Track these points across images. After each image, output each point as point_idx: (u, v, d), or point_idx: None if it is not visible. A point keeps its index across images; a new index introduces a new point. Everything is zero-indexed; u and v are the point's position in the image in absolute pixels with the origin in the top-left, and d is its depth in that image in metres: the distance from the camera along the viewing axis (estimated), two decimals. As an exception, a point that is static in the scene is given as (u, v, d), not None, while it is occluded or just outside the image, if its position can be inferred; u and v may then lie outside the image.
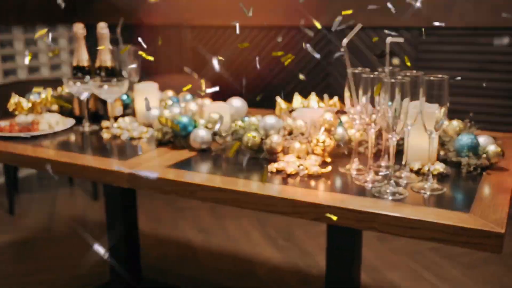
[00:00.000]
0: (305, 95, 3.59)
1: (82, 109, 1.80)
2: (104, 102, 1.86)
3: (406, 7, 3.03)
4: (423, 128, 1.18)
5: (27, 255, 2.66)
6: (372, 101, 1.20)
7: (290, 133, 1.43)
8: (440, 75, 1.09)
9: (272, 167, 1.29)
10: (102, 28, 1.81)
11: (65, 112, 1.91)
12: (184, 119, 1.51)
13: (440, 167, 1.24)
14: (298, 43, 3.45)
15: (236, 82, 3.67)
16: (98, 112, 1.86)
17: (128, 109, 1.95)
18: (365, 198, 1.12)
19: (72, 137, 1.70)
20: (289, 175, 1.26)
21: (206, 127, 1.52)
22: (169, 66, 3.92)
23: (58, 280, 2.39)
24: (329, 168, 1.27)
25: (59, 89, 2.01)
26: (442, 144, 1.36)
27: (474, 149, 1.28)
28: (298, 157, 1.34)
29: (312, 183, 1.23)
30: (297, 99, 1.72)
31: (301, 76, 3.30)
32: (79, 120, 1.83)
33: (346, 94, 1.26)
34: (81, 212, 3.22)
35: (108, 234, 2.03)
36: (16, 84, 3.47)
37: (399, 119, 1.12)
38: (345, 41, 1.23)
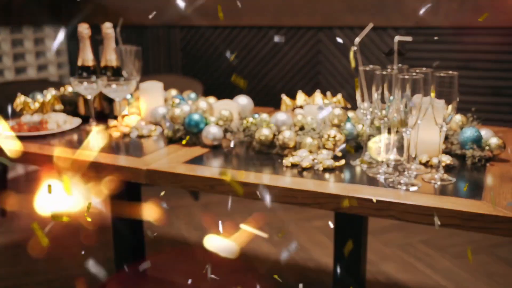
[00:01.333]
0: (294, 93, 3.66)
1: (89, 109, 1.82)
2: (109, 101, 1.88)
3: (394, 8, 3.12)
4: (430, 123, 1.25)
5: (23, 256, 2.65)
6: (382, 97, 1.27)
7: (301, 128, 1.48)
8: (450, 72, 1.16)
9: (287, 161, 1.34)
10: (108, 28, 1.84)
11: (68, 111, 1.93)
12: (196, 117, 1.55)
13: (446, 159, 1.31)
14: (287, 42, 3.51)
15: (226, 82, 3.72)
16: (103, 111, 1.88)
17: (132, 108, 1.98)
18: (380, 188, 1.18)
19: (81, 136, 1.72)
20: (304, 169, 1.32)
21: (217, 124, 1.56)
22: (158, 66, 3.94)
23: (56, 281, 2.39)
24: (342, 161, 1.33)
25: (61, 89, 2.03)
26: (445, 137, 1.43)
27: (478, 141, 1.35)
28: (310, 152, 1.39)
29: (327, 175, 1.28)
30: (300, 96, 1.78)
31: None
32: (84, 120, 1.85)
33: (357, 90, 1.32)
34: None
35: (113, 228, 2.05)
36: (3, 85, 3.45)
37: (411, 114, 1.19)
38: (357, 39, 1.29)
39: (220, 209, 3.23)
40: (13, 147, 1.55)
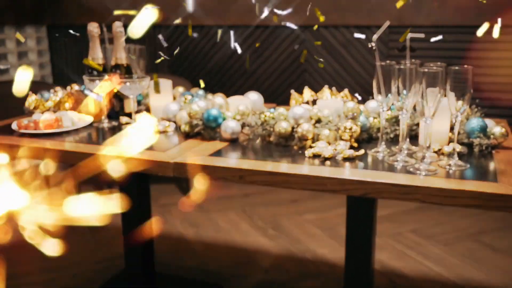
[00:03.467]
0: (282, 91, 3.73)
1: (100, 106, 1.85)
2: (119, 99, 1.92)
3: (378, 7, 3.24)
4: (438, 114, 1.35)
5: (24, 255, 2.64)
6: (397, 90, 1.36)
7: (317, 121, 1.56)
8: (465, 65, 1.25)
9: (309, 152, 1.42)
10: (118, 27, 1.87)
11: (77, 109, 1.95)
12: (214, 112, 1.60)
13: (456, 147, 1.41)
14: (274, 41, 3.59)
15: (214, 80, 3.77)
16: (114, 109, 1.92)
17: (140, 105, 2.02)
18: (401, 175, 1.27)
19: (96, 133, 1.75)
20: (326, 159, 1.40)
21: (234, 118, 1.62)
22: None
23: (61, 278, 2.40)
24: (362, 151, 1.42)
25: (68, 88, 2.05)
26: (451, 128, 1.54)
27: (484, 131, 1.46)
28: (328, 143, 1.47)
29: (347, 164, 1.37)
30: (307, 92, 1.86)
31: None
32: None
33: (374, 83, 1.41)
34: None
35: (123, 223, 2.08)
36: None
37: (428, 105, 1.28)
38: (375, 36, 1.37)
39: (211, 206, 3.28)
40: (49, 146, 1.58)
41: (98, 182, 3.56)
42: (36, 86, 3.70)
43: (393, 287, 2.32)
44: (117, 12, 1.58)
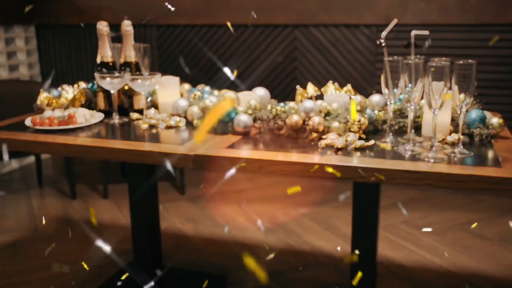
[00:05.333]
0: (273, 87, 3.80)
1: (112, 103, 1.90)
2: (128, 96, 1.97)
3: (366, 6, 3.35)
4: (444, 106, 1.44)
5: (22, 254, 2.66)
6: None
7: (326, 114, 1.64)
8: (470, 60, 1.35)
9: (322, 143, 1.50)
10: (127, 25, 1.92)
11: (85, 106, 2.00)
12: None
13: (459, 136, 1.51)
14: (266, 39, 3.66)
15: (204, 78, 3.83)
16: (123, 106, 1.97)
17: (147, 102, 2.07)
18: (411, 162, 1.36)
19: (109, 129, 1.80)
20: (338, 149, 1.48)
21: (246, 112, 1.69)
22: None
23: (62, 276, 2.43)
24: (372, 141, 1.50)
25: (74, 85, 2.08)
26: (452, 119, 1.64)
27: (483, 121, 1.56)
28: (338, 135, 1.56)
29: (358, 154, 1.45)
30: (310, 87, 1.93)
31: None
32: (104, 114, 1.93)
33: (382, 77, 1.50)
34: (64, 212, 3.23)
35: (132, 217, 2.13)
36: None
37: (434, 98, 1.37)
38: (383, 34, 1.46)
39: (207, 202, 3.34)
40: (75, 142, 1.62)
41: (95, 181, 3.60)
42: (26, 85, 3.69)
43: (391, 275, 2.42)
44: None
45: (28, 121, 1.79)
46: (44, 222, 3.06)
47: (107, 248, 2.67)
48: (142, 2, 3.85)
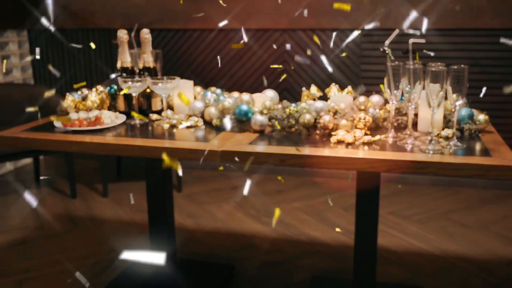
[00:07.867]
0: (263, 90, 3.96)
1: (131, 105, 2.05)
2: (146, 98, 2.13)
3: (351, 12, 3.56)
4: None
5: (32, 251, 2.78)
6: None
7: (334, 113, 1.84)
8: (462, 65, 1.57)
9: (334, 138, 1.69)
10: (146, 33, 2.08)
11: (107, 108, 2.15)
12: (245, 107, 1.85)
13: (451, 132, 1.73)
14: (263, 44, 3.85)
15: (196, 81, 3.99)
16: (141, 107, 2.12)
17: (158, 102, 2.22)
18: (412, 153, 1.56)
19: (133, 129, 1.95)
20: (348, 144, 1.68)
21: (262, 112, 1.87)
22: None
23: (71, 271, 2.56)
24: (377, 137, 1.71)
25: (93, 89, 2.23)
26: (444, 116, 1.85)
27: (471, 118, 1.78)
28: (346, 131, 1.75)
29: (366, 148, 1.65)
30: (313, 89, 2.13)
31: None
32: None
33: (385, 80, 1.70)
34: (66, 210, 3.35)
35: (149, 211, 2.28)
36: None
37: (431, 98, 1.59)
38: (387, 42, 1.66)
39: (204, 199, 3.51)
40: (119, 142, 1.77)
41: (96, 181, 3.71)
42: (18, 88, 3.77)
43: (384, 260, 2.64)
44: None
45: (57, 123, 1.93)
46: (49, 219, 3.17)
47: (113, 243, 2.82)
48: (135, 7, 3.98)
